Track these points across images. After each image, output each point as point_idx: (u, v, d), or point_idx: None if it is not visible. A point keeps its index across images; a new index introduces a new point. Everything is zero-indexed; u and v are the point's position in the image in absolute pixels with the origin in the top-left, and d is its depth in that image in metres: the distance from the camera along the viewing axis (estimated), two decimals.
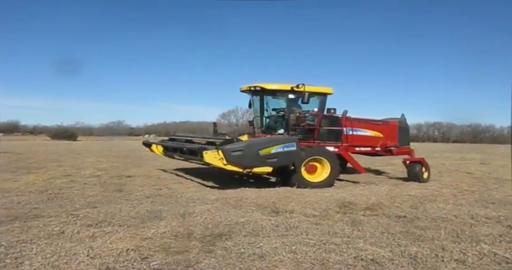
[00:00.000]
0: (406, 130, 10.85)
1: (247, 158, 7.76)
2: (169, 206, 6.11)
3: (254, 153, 7.79)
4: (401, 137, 10.49)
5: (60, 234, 4.35)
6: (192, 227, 4.74)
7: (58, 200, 6.43)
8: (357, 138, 9.91)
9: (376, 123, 10.49)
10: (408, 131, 10.96)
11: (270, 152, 7.90)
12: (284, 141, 8.17)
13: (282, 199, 6.75)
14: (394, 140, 10.35)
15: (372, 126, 10.31)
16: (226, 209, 5.85)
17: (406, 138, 10.71)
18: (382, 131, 10.35)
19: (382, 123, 10.62)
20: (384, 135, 10.30)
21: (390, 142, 10.27)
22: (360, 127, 10.01)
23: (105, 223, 4.91)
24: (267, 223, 4.99)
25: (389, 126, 10.57)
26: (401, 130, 10.59)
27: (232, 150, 7.72)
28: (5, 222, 4.84)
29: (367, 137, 10.15)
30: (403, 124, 10.80)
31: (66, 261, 3.47)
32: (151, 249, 3.92)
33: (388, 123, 10.71)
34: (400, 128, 10.61)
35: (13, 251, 3.71)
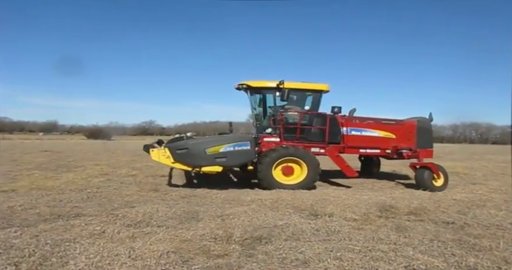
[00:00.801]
0: (428, 131, 9.55)
1: (193, 157, 7.67)
2: (205, 206, 6.07)
3: (201, 151, 7.70)
4: (420, 139, 9.31)
5: (101, 234, 4.38)
6: (230, 229, 4.65)
7: (97, 199, 6.54)
8: (359, 139, 9.13)
9: (387, 123, 9.44)
10: (430, 132, 9.65)
11: (218, 151, 7.75)
12: (235, 140, 7.98)
13: (319, 201, 6.56)
14: (409, 142, 9.26)
15: (381, 126, 9.33)
16: (263, 211, 5.73)
17: (427, 140, 9.45)
18: (394, 131, 9.34)
19: (395, 123, 9.53)
20: (397, 136, 9.30)
21: (405, 144, 9.19)
22: (364, 127, 9.20)
23: (144, 223, 4.92)
24: (306, 227, 4.83)
25: (404, 127, 9.46)
26: (420, 131, 9.37)
27: (178, 148, 7.73)
28: (48, 220, 4.95)
29: (374, 138, 9.22)
30: (424, 124, 9.53)
31: (109, 262, 3.45)
32: (191, 251, 3.86)
33: (403, 123, 9.58)
34: (420, 129, 9.39)
35: (58, 249, 3.75)
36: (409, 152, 9.11)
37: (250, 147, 7.88)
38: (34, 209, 5.48)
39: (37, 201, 6.02)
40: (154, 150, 7.86)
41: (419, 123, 9.43)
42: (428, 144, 9.40)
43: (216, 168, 7.83)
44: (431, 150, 9.46)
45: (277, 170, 8.09)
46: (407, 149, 9.13)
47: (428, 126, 9.58)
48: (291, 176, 8.15)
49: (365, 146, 9.22)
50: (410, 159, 9.37)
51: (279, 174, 8.10)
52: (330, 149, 8.81)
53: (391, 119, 9.60)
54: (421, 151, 9.14)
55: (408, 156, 9.18)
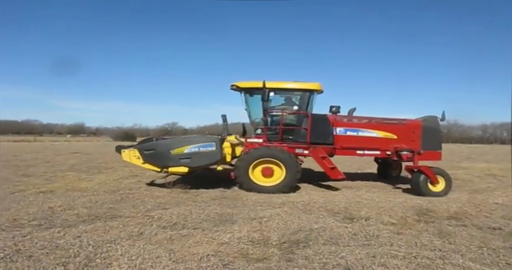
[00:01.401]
0: (435, 131, 8.77)
1: (160, 157, 7.82)
2: (237, 209, 6.06)
3: (166, 152, 7.79)
4: (426, 140, 8.61)
5: (140, 236, 4.43)
6: (266, 232, 4.61)
7: (130, 201, 6.63)
8: (355, 139, 8.68)
9: (387, 123, 8.85)
10: (438, 133, 8.85)
11: (183, 152, 7.78)
12: (200, 141, 7.94)
13: (352, 204, 6.45)
14: (413, 143, 8.59)
15: (380, 127, 8.77)
16: (297, 214, 5.67)
17: (435, 141, 8.71)
18: (396, 132, 8.73)
19: (397, 123, 8.90)
20: (399, 137, 8.70)
21: (408, 145, 8.57)
22: (361, 127, 8.73)
23: (179, 225, 4.94)
24: (343, 231, 4.74)
25: (407, 127, 8.78)
26: (426, 131, 8.65)
27: (145, 149, 7.93)
28: (87, 221, 5.05)
29: (372, 139, 8.70)
30: (431, 124, 8.75)
31: (151, 265, 3.48)
32: (229, 255, 3.84)
33: (406, 123, 8.91)
34: (425, 129, 8.66)
35: (100, 250, 3.82)
36: (409, 154, 8.45)
37: (216, 148, 7.81)
38: (72, 210, 5.60)
39: (74, 202, 6.17)
40: (125, 151, 8.08)
41: (425, 123, 8.74)
42: (435, 146, 8.70)
43: (181, 168, 7.88)
44: (439, 152, 8.74)
45: (256, 171, 8.01)
46: (408, 151, 8.47)
47: (435, 126, 8.78)
48: (270, 177, 8.00)
49: (362, 147, 8.71)
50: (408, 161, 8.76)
51: (258, 176, 8.00)
52: (314, 150, 8.46)
53: (393, 119, 9.02)
54: (426, 153, 8.55)
55: (408, 158, 8.55)
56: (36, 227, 4.72)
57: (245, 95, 9.04)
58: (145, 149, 7.96)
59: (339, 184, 9.20)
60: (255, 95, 8.89)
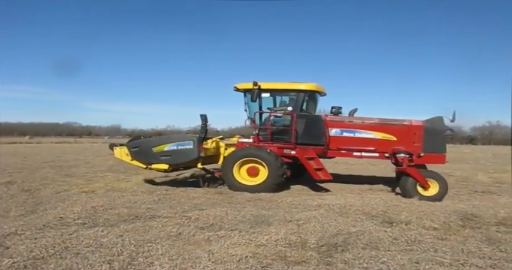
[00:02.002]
0: (439, 133, 8.21)
1: (143, 155, 8.36)
2: (272, 210, 6.05)
3: (148, 150, 8.31)
4: (428, 142, 8.11)
5: (178, 236, 4.51)
6: (303, 235, 4.57)
7: (167, 201, 6.78)
8: (352, 140, 8.43)
9: (387, 124, 8.51)
10: (442, 135, 8.26)
11: (163, 150, 8.22)
12: (179, 139, 8.34)
13: (390, 208, 6.26)
14: (414, 145, 8.13)
15: (379, 128, 8.42)
16: (333, 217, 5.58)
17: (438, 144, 8.17)
18: (395, 133, 8.34)
19: (397, 124, 8.52)
20: (399, 138, 8.29)
21: (408, 147, 8.11)
22: (358, 128, 8.46)
23: (216, 227, 4.99)
24: (383, 235, 4.61)
25: (408, 128, 8.35)
26: (428, 133, 8.15)
27: (132, 147, 8.48)
28: (128, 221, 5.21)
29: (370, 140, 8.38)
30: (434, 125, 8.24)
31: (191, 265, 3.53)
32: (268, 257, 3.83)
33: (407, 124, 8.49)
34: (428, 131, 8.16)
35: (142, 250, 3.92)
36: (406, 157, 7.95)
37: (193, 146, 8.05)
38: (114, 210, 5.80)
39: (115, 202, 6.38)
40: (117, 149, 8.63)
41: (427, 124, 8.25)
42: (438, 148, 8.17)
43: (162, 165, 8.31)
44: (443, 155, 8.14)
45: (242, 170, 8.24)
46: (405, 153, 7.99)
47: (439, 128, 8.22)
48: (255, 177, 8.14)
49: (359, 148, 8.44)
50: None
51: (244, 175, 8.22)
52: (300, 151, 8.35)
53: (393, 119, 8.64)
54: (429, 156, 8.06)
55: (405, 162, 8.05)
56: (81, 225, 4.92)
57: (244, 96, 9.18)
58: (132, 147, 8.49)
59: (375, 187, 9.01)
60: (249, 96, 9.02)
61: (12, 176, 9.72)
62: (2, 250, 3.83)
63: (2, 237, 4.28)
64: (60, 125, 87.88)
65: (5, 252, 3.77)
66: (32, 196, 7.04)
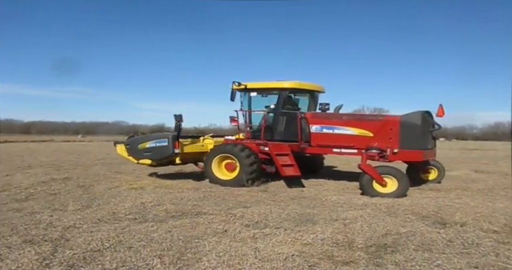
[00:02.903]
0: (416, 129, 7.72)
1: (133, 151, 9.22)
2: (317, 209, 5.97)
3: (136, 147, 9.16)
4: (404, 138, 7.71)
5: (224, 233, 4.57)
6: (350, 234, 4.46)
7: (212, 198, 6.90)
8: (330, 137, 8.33)
9: (363, 120, 8.41)
10: (419, 130, 7.74)
11: (145, 147, 8.99)
12: (158, 137, 9.05)
13: (442, 208, 5.97)
14: (390, 141, 7.78)
15: (355, 123, 8.24)
16: (381, 217, 5.41)
17: (414, 140, 7.71)
18: (371, 129, 8.05)
19: (373, 119, 8.44)
20: (375, 134, 7.98)
21: (384, 143, 7.79)
22: (336, 124, 8.34)
23: (261, 224, 5.01)
24: (436, 236, 4.39)
25: (383, 123, 8.05)
26: (405, 128, 7.73)
27: (126, 144, 9.39)
28: (175, 217, 5.37)
29: (347, 136, 8.20)
30: (411, 120, 7.79)
31: (238, 262, 3.56)
32: (314, 256, 3.78)
33: (383, 119, 8.28)
34: (404, 126, 7.74)
35: (190, 245, 4.02)
36: (376, 153, 7.76)
37: (168, 143, 8.62)
38: (161, 206, 6.00)
39: (162, 199, 6.59)
40: (118, 146, 9.57)
41: (403, 119, 7.83)
42: (414, 144, 7.71)
43: (146, 161, 9.20)
44: (419, 151, 7.75)
45: (221, 166, 8.77)
46: (377, 149, 7.78)
47: (416, 122, 7.74)
48: (233, 172, 8.58)
49: (338, 145, 8.30)
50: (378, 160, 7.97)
51: (223, 170, 8.75)
52: (272, 147, 8.61)
53: (370, 115, 8.67)
54: (404, 152, 7.68)
55: (377, 158, 7.86)
56: (132, 220, 5.15)
57: (240, 96, 9.68)
58: (126, 144, 9.44)
59: (424, 186, 8.61)
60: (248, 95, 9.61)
61: (68, 173, 10.37)
62: (63, 242, 4.09)
63: (63, 229, 4.58)
64: (109, 123, 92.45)
65: (66, 243, 4.02)
66: (86, 192, 7.45)
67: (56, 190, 7.50)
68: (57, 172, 10.57)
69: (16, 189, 7.56)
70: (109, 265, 3.42)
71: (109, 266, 3.41)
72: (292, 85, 9.04)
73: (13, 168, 11.39)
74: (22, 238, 4.19)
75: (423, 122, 7.78)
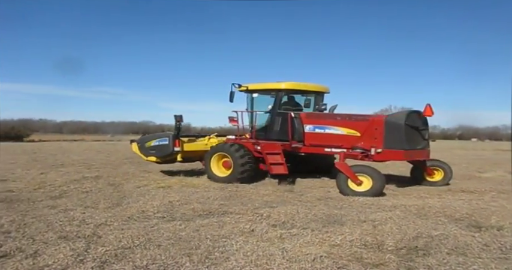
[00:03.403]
0: (399, 128, 7.68)
1: (142, 149, 9.95)
2: (344, 210, 5.88)
3: (144, 145, 9.91)
4: (388, 137, 7.70)
5: (251, 233, 4.58)
6: (379, 236, 4.36)
7: (238, 198, 6.93)
8: (322, 137, 8.49)
9: (351, 120, 8.39)
10: (402, 130, 7.67)
11: (151, 145, 9.73)
12: (160, 136, 9.76)
13: (477, 211, 5.75)
14: (376, 141, 7.80)
15: (344, 123, 8.33)
16: (411, 219, 5.26)
17: (398, 139, 7.66)
18: (358, 128, 8.11)
19: (361, 119, 8.36)
20: (362, 133, 8.02)
21: (370, 142, 7.82)
22: (327, 124, 8.50)
23: (288, 225, 4.98)
24: (471, 240, 4.23)
25: (370, 123, 8.07)
26: (389, 128, 7.73)
27: (137, 142, 10.20)
28: (203, 216, 5.42)
29: (337, 136, 8.30)
30: (395, 120, 7.82)
31: (266, 262, 3.55)
32: (343, 258, 3.72)
33: (369, 119, 8.30)
34: (388, 126, 7.75)
35: (218, 245, 4.05)
36: (359, 152, 7.87)
37: (168, 142, 9.27)
38: (189, 205, 6.07)
39: (189, 198, 6.68)
40: (133, 144, 10.30)
41: (388, 119, 7.90)
42: (397, 144, 7.66)
43: (152, 158, 9.90)
44: (401, 151, 7.67)
45: (220, 164, 9.10)
46: (361, 149, 7.88)
47: (400, 122, 7.70)
48: (229, 169, 8.86)
49: (329, 144, 8.39)
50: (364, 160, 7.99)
51: (221, 168, 9.08)
52: (263, 146, 8.90)
53: (359, 115, 8.63)
54: (388, 152, 7.68)
55: (361, 158, 7.92)
56: (160, 219, 5.24)
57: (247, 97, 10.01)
58: (137, 142, 10.20)
59: (456, 187, 8.33)
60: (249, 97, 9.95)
61: (99, 171, 10.69)
62: (96, 238, 4.22)
63: (95, 226, 4.72)
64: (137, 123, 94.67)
65: (98, 240, 4.14)
66: (116, 190, 7.66)
67: (87, 188, 7.74)
68: (88, 170, 10.92)
69: (50, 186, 7.86)
70: (139, 262, 3.50)
71: (139, 263, 3.49)
72: (288, 86, 9.23)
73: (47, 167, 11.85)
74: (57, 234, 4.35)
75: (408, 121, 7.75)
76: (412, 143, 7.84)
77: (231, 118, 9.64)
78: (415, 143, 7.92)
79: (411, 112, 8.03)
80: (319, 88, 9.81)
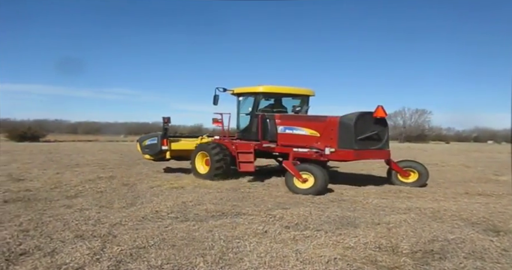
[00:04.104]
0: (349, 129, 7.89)
1: (141, 148, 10.99)
2: (357, 212, 5.84)
3: (141, 144, 10.93)
4: (341, 138, 7.98)
5: (264, 234, 4.58)
6: (393, 239, 4.32)
7: (251, 199, 6.93)
8: (290, 137, 8.93)
9: (312, 121, 8.83)
10: (351, 130, 7.86)
11: (145, 144, 10.81)
12: (152, 136, 10.81)
13: (494, 214, 5.64)
14: (331, 141, 8.10)
15: (307, 124, 8.75)
16: (426, 222, 5.20)
17: (348, 140, 7.89)
18: (318, 129, 8.47)
19: (320, 120, 8.66)
20: (321, 134, 8.37)
21: (326, 143, 8.12)
22: (295, 125, 8.96)
23: (301, 226, 4.96)
24: (489, 244, 4.15)
25: (327, 124, 8.37)
26: (342, 129, 8.00)
27: (138, 141, 11.27)
28: (216, 217, 5.44)
29: (302, 136, 8.69)
30: (346, 121, 7.99)
31: (280, 263, 3.55)
32: (357, 260, 3.69)
33: (326, 119, 8.51)
34: (341, 126, 8.02)
35: (231, 245, 4.06)
36: (314, 152, 8.20)
37: (157, 141, 10.36)
38: (202, 206, 6.10)
39: (202, 198, 6.72)
40: (137, 143, 11.24)
41: (341, 119, 8.13)
42: (348, 144, 7.90)
43: (147, 156, 10.96)
44: (351, 151, 7.86)
45: (203, 161, 9.71)
46: (317, 149, 8.21)
47: (349, 123, 7.92)
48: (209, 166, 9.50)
49: (296, 144, 8.70)
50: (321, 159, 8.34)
51: (204, 166, 9.66)
52: (236, 145, 9.48)
53: (319, 116, 8.95)
54: (340, 152, 7.96)
55: (315, 157, 8.23)
56: (174, 219, 5.28)
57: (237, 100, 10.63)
58: (138, 141, 11.24)
59: (472, 190, 8.18)
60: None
61: (113, 171, 10.82)
62: (111, 238, 4.27)
63: (110, 226, 4.78)
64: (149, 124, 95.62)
65: (114, 240, 4.20)
66: (130, 190, 7.74)
67: (102, 188, 7.85)
68: (102, 171, 11.07)
69: (66, 186, 8.00)
70: (154, 262, 3.53)
71: (154, 262, 3.52)
72: (264, 89, 9.78)
73: (63, 167, 12.06)
74: (74, 233, 4.42)
75: (358, 122, 7.96)
76: (364, 143, 8.02)
77: (214, 119, 10.24)
78: (368, 143, 8.10)
79: (364, 113, 8.19)
80: (300, 91, 10.28)
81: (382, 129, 8.34)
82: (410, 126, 66.01)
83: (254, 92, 9.84)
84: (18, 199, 6.52)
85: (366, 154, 8.21)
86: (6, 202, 6.26)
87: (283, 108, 10.19)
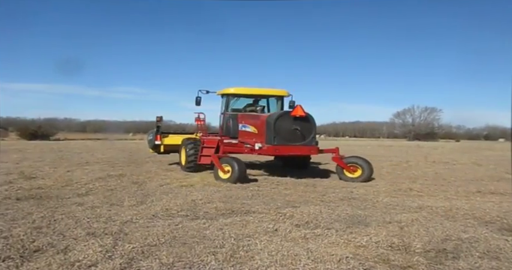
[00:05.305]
0: (270, 127, 8.93)
1: (147, 142, 12.61)
2: (368, 211, 5.79)
3: (147, 139, 12.64)
4: (267, 135, 9.00)
5: (275, 232, 4.56)
6: (406, 238, 4.27)
7: (260, 197, 6.92)
8: (243, 134, 9.96)
9: (254, 119, 9.89)
10: (271, 128, 8.91)
11: (148, 139, 12.49)
12: (151, 133, 12.26)
13: (508, 213, 5.58)
14: (261, 137, 9.14)
15: (251, 122, 9.84)
16: (438, 221, 5.14)
17: (269, 136, 8.94)
18: (256, 126, 9.52)
19: (258, 118, 9.75)
20: (258, 131, 9.39)
21: (260, 139, 9.13)
22: (246, 123, 10.01)
23: (312, 225, 4.93)
24: (503, 244, 4.08)
25: (260, 122, 9.38)
26: (267, 126, 9.02)
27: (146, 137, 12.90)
28: (226, 215, 5.44)
29: (249, 133, 9.76)
30: (269, 119, 9.05)
31: (291, 262, 3.53)
32: (369, 259, 3.66)
33: (260, 117, 9.65)
34: (266, 124, 9.04)
35: (242, 244, 4.05)
36: (247, 147, 9.34)
37: (152, 137, 11.88)
38: (211, 204, 6.10)
39: (212, 196, 6.72)
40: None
41: (266, 118, 9.17)
42: (269, 140, 8.92)
43: (151, 151, 12.67)
44: (271, 146, 8.85)
45: (184, 156, 10.66)
46: (249, 145, 9.24)
47: (270, 121, 8.96)
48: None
49: (246, 140, 9.56)
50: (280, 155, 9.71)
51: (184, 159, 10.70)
52: (205, 141, 10.48)
53: (259, 115, 10.06)
54: (267, 148, 8.90)
55: (247, 152, 9.47)
56: (184, 217, 5.28)
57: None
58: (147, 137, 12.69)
59: (485, 189, 8.07)
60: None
61: (122, 170, 10.90)
62: (123, 235, 4.29)
63: (121, 224, 4.81)
64: None
65: (125, 237, 4.22)
66: (140, 188, 7.78)
67: (112, 186, 7.90)
68: (112, 169, 11.15)
69: (77, 184, 8.07)
70: (166, 260, 3.53)
71: (166, 260, 3.52)
72: (233, 91, 10.88)
73: (73, 165, 12.18)
74: (86, 231, 4.45)
75: (279, 120, 8.93)
76: (285, 139, 8.92)
77: (196, 118, 11.55)
78: (289, 139, 8.96)
79: (286, 112, 9.27)
80: (273, 92, 11.19)
81: (305, 126, 9.08)
82: (420, 124, 65.37)
83: (226, 93, 10.96)
84: (31, 197, 6.59)
85: (287, 149, 9.06)
86: (19, 200, 6.33)
87: (260, 108, 11.11)
